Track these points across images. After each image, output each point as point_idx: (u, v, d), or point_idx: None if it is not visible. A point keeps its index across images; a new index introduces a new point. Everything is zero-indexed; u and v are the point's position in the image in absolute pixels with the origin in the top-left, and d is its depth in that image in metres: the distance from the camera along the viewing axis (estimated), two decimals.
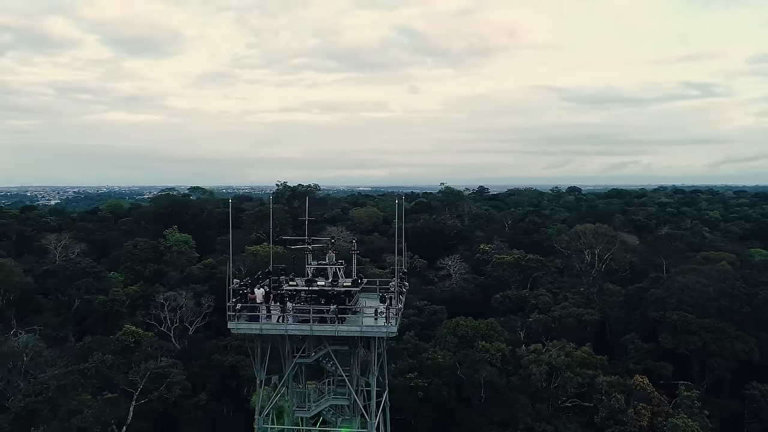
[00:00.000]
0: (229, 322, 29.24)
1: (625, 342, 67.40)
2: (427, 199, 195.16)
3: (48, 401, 49.52)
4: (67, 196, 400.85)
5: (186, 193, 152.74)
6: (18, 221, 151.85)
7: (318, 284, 30.74)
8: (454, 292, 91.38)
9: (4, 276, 77.04)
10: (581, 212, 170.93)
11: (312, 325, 28.44)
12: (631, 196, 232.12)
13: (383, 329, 27.87)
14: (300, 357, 30.46)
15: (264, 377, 31.14)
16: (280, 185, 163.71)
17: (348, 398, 30.32)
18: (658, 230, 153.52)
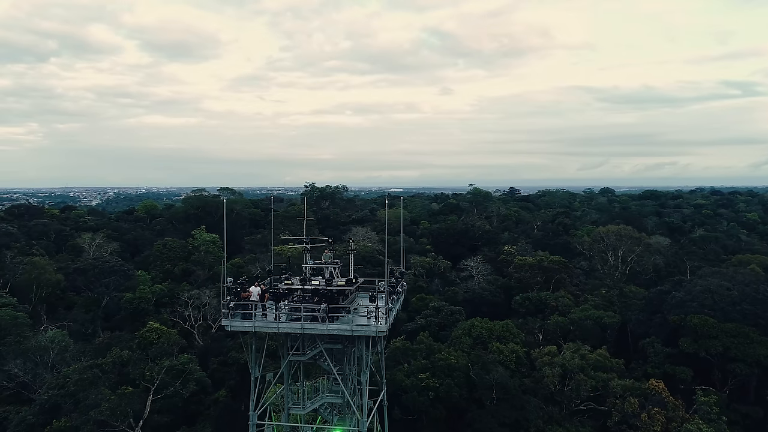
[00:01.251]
0: (223, 319, 30.11)
1: (644, 346, 66.31)
2: (456, 200, 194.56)
3: (69, 395, 51.43)
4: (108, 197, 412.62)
5: (216, 194, 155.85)
6: (58, 221, 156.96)
7: (313, 283, 31.37)
8: (476, 294, 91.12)
9: (36, 273, 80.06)
10: (612, 214, 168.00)
11: (303, 324, 29.05)
12: (666, 197, 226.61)
13: (373, 328, 28.25)
14: (294, 355, 31.11)
15: (259, 374, 31.88)
16: (308, 186, 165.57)
17: (341, 396, 30.78)
18: (692, 232, 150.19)
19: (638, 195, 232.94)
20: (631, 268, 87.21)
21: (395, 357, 62.38)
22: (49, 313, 79.58)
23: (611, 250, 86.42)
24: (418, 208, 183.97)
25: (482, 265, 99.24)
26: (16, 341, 61.44)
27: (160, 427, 55.82)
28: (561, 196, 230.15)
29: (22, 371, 58.44)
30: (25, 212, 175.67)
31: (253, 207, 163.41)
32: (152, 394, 53.51)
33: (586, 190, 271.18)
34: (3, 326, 62.60)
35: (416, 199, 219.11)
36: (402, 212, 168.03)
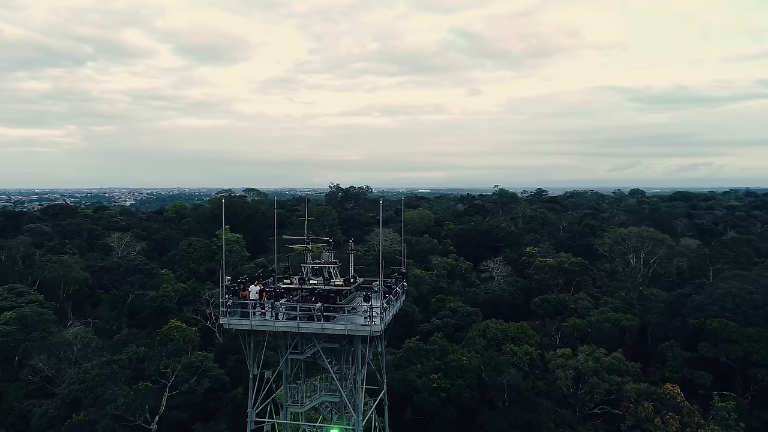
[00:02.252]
0: (222, 317, 30.80)
1: (663, 349, 65.20)
2: (482, 201, 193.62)
3: (89, 389, 52.99)
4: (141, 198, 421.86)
5: (242, 195, 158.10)
6: (90, 220, 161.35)
7: (311, 283, 31.86)
8: (495, 295, 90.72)
9: (64, 271, 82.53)
10: (641, 215, 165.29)
11: (299, 323, 29.54)
12: (698, 199, 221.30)
13: (367, 328, 28.57)
14: (293, 353, 31.64)
15: (257, 372, 32.49)
16: (333, 187, 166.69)
17: (338, 395, 31.17)
18: (724, 235, 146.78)
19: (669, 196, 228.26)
20: (654, 270, 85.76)
21: (408, 357, 62.59)
22: (76, 310, 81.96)
23: (633, 252, 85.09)
24: (443, 209, 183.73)
25: (502, 266, 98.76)
26: (41, 337, 63.50)
27: (177, 422, 57.02)
28: (589, 197, 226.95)
29: (47, 366, 60.39)
30: (59, 212, 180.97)
31: (278, 207, 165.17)
32: (168, 390, 54.71)
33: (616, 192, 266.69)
34: (29, 322, 64.70)
35: (442, 200, 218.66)
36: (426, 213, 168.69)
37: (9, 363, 64.05)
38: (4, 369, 63.62)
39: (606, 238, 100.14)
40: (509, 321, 71.05)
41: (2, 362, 63.92)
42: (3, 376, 63.07)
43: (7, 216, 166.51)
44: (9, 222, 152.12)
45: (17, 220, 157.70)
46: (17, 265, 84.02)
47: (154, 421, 53.18)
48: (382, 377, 36.73)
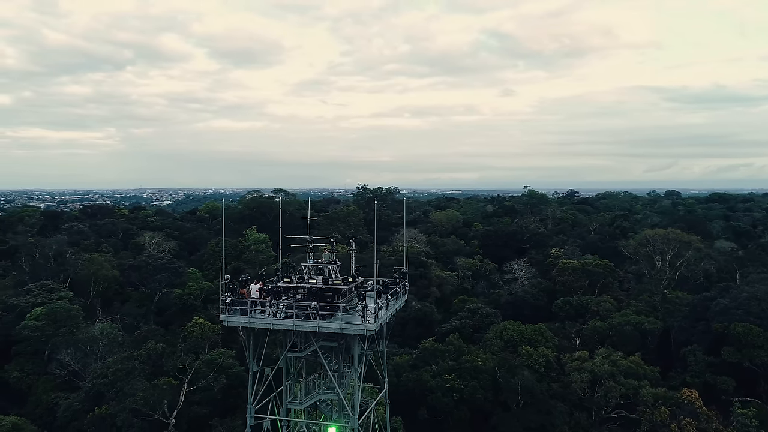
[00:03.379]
0: (221, 314, 31.60)
1: (685, 354, 63.91)
2: (511, 203, 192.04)
3: (110, 384, 54.69)
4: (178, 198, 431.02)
5: (271, 195, 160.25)
6: (126, 220, 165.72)
7: (310, 281, 32.40)
8: (517, 297, 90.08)
9: (94, 269, 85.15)
10: (675, 217, 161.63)
11: (295, 321, 30.11)
12: (736, 200, 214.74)
13: (361, 327, 28.95)
14: (291, 351, 32.25)
15: (257, 369, 33.17)
16: (361, 188, 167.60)
17: (335, 393, 31.60)
18: (762, 237, 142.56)
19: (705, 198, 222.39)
20: (681, 273, 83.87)
21: (424, 357, 62.76)
22: (105, 307, 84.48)
23: (659, 254, 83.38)
24: (472, 211, 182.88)
25: (526, 267, 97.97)
26: (69, 332, 65.73)
27: (197, 418, 58.32)
28: (622, 198, 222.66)
29: (73, 360, 62.54)
30: (97, 212, 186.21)
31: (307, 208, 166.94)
32: (186, 385, 56.05)
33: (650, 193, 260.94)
34: (58, 318, 67.02)
35: (472, 202, 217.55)
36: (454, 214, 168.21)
37: (39, 357, 66.43)
38: (34, 363, 66.02)
39: (631, 240, 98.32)
40: (531, 323, 70.55)
41: (32, 356, 66.33)
42: (33, 369, 65.44)
43: (48, 215, 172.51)
44: (49, 221, 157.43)
45: (57, 219, 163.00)
46: (50, 263, 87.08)
47: (172, 416, 54.56)
48: (383, 377, 37.02)
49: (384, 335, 35.90)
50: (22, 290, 76.79)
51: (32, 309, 69.24)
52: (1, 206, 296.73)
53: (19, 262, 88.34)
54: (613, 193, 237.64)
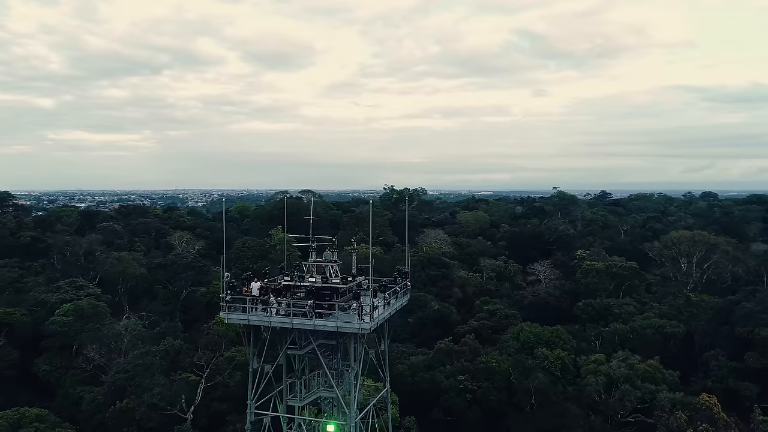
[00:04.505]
0: (221, 312, 32.37)
1: (708, 358, 62.52)
2: (541, 204, 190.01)
3: (131, 378, 56.31)
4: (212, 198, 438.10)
5: (298, 196, 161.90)
6: (160, 220, 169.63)
7: (309, 280, 32.94)
8: (540, 298, 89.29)
9: (122, 267, 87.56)
10: (710, 219, 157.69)
11: (292, 319, 30.68)
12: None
13: (356, 326, 29.32)
14: (291, 348, 32.84)
15: (257, 365, 33.86)
16: (387, 189, 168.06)
17: (333, 391, 32.02)
18: None
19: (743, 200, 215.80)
20: (708, 276, 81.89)
21: (439, 358, 62.82)
22: (133, 304, 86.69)
23: (684, 256, 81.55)
24: (501, 212, 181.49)
25: (550, 269, 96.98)
26: (95, 328, 67.79)
27: (216, 414, 59.58)
28: (655, 200, 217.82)
29: (99, 355, 64.48)
30: (132, 212, 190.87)
31: (335, 209, 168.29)
32: (204, 381, 57.32)
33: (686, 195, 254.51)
34: (85, 314, 69.18)
35: (501, 203, 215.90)
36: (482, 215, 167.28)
37: (67, 351, 68.65)
38: (62, 357, 68.27)
39: (656, 242, 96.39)
40: (554, 325, 69.96)
41: (61, 350, 68.59)
42: (61, 363, 67.69)
43: (85, 215, 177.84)
44: (86, 221, 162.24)
45: (93, 219, 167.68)
46: (80, 261, 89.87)
47: (190, 411, 55.85)
48: (384, 376, 37.30)
49: (385, 334, 36.24)
50: (53, 287, 79.47)
51: (61, 305, 71.61)
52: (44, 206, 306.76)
53: (51, 259, 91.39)
54: (646, 194, 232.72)
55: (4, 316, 67.67)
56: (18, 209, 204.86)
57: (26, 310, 73.00)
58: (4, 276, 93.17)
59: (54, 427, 49.93)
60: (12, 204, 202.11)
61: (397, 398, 55.17)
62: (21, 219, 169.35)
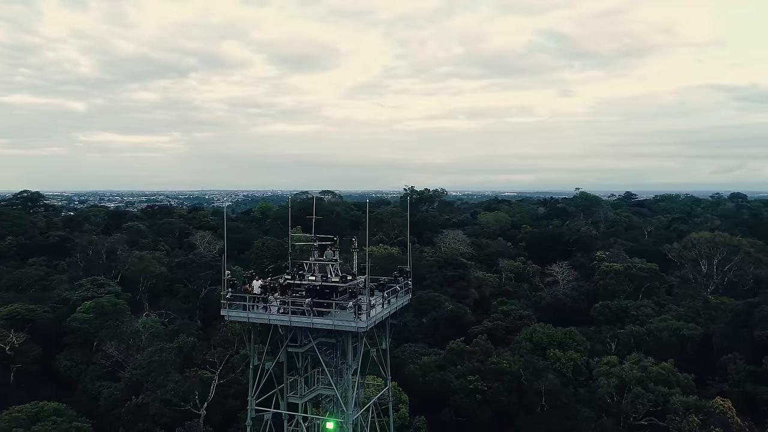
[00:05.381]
0: (222, 309, 32.94)
1: (725, 362, 61.44)
2: (563, 205, 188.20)
3: (146, 375, 57.48)
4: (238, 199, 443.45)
5: (318, 196, 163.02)
6: (184, 220, 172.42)
7: (309, 279, 33.34)
8: (557, 299, 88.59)
9: (143, 266, 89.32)
10: (737, 221, 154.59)
11: (291, 317, 31.10)
12: None
13: (353, 324, 29.62)
14: (291, 346, 33.28)
15: (258, 362, 34.36)
16: (408, 189, 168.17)
17: (332, 389, 32.34)
18: None
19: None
20: (729, 278, 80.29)
21: (451, 358, 62.85)
22: (153, 302, 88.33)
23: (705, 258, 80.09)
24: (523, 212, 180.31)
25: (568, 270, 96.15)
26: (114, 325, 69.31)
27: (230, 410, 60.48)
28: (681, 201, 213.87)
29: (117, 351, 65.94)
30: (157, 212, 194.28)
31: (356, 209, 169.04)
32: (217, 378, 58.23)
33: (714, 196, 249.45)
34: (105, 311, 70.77)
35: (523, 204, 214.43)
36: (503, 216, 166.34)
37: (87, 347, 70.29)
38: (82, 353, 69.92)
39: (675, 243, 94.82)
40: (571, 326, 69.51)
41: (81, 346, 70.23)
42: (81, 359, 69.31)
43: (111, 215, 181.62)
44: (113, 221, 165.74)
45: (120, 218, 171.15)
46: (101, 260, 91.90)
47: (203, 407, 56.80)
48: (386, 374, 37.51)
49: (387, 333, 36.47)
50: (76, 284, 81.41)
51: (83, 302, 73.36)
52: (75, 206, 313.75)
53: (75, 258, 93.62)
54: (672, 195, 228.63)
55: (26, 313, 69.50)
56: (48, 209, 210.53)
57: (49, 307, 74.94)
58: (31, 274, 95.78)
59: (71, 421, 51.19)
60: (42, 204, 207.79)
61: (407, 398, 55.43)
62: (50, 219, 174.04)
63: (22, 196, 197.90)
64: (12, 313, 68.96)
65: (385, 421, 38.33)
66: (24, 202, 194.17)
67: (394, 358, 65.79)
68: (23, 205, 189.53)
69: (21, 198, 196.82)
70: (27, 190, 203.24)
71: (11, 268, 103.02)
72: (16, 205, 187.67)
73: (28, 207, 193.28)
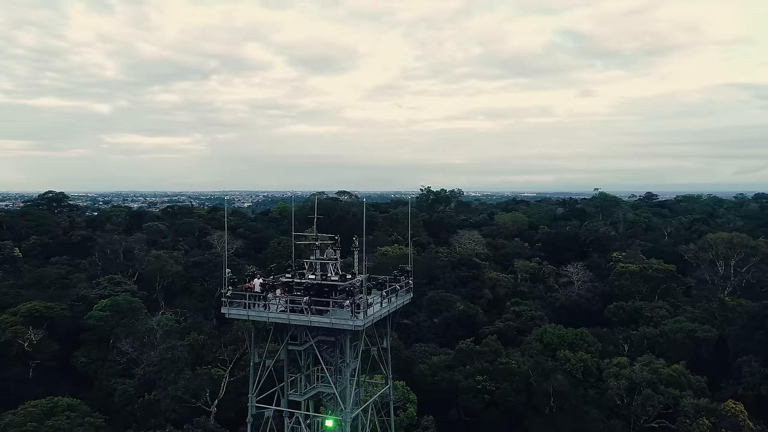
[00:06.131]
0: (223, 307, 33.44)
1: (740, 364, 60.48)
2: (582, 205, 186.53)
3: (158, 371, 58.42)
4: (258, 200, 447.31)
5: (335, 197, 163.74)
6: (204, 220, 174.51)
7: (309, 277, 33.66)
8: (572, 300, 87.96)
9: (160, 265, 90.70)
10: (760, 221, 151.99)
11: (289, 315, 31.44)
12: None
13: (349, 323, 29.85)
14: (291, 344, 33.63)
15: (258, 360, 34.74)
16: (424, 190, 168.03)
17: (331, 387, 32.60)
18: None
19: None
20: (747, 280, 78.93)
21: (460, 358, 62.81)
22: (169, 300, 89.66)
23: (722, 259, 78.82)
24: (541, 213, 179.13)
25: (583, 271, 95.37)
26: (129, 323, 70.53)
27: (242, 408, 61.10)
28: (703, 201, 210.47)
29: (132, 348, 67.05)
30: (177, 212, 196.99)
31: (373, 209, 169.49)
32: (227, 376, 58.94)
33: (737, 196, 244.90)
34: (121, 309, 72.05)
35: (542, 204, 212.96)
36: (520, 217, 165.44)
37: (104, 344, 71.61)
38: (99, 350, 71.27)
39: (691, 244, 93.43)
40: (585, 327, 69.06)
41: (98, 344, 71.61)
42: (98, 356, 70.67)
43: (133, 215, 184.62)
44: (134, 221, 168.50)
45: (140, 218, 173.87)
46: (119, 259, 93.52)
47: (214, 404, 57.54)
48: (387, 372, 37.69)
49: (388, 332, 36.65)
50: (94, 283, 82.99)
51: (99, 300, 74.76)
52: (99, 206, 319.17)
53: (93, 257, 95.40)
54: (693, 195, 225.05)
55: (45, 310, 71.04)
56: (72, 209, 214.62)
57: (67, 305, 76.48)
58: (53, 272, 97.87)
59: (84, 416, 52.22)
60: (66, 204, 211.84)
61: (415, 397, 55.52)
62: (74, 219, 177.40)
63: (47, 196, 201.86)
64: (31, 310, 70.55)
65: (387, 421, 38.51)
66: (49, 203, 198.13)
67: (405, 358, 66.30)
68: (48, 206, 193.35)
69: (46, 198, 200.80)
70: (52, 191, 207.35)
71: (34, 267, 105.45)
72: (42, 205, 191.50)
73: (53, 207, 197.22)
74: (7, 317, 69.87)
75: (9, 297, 79.96)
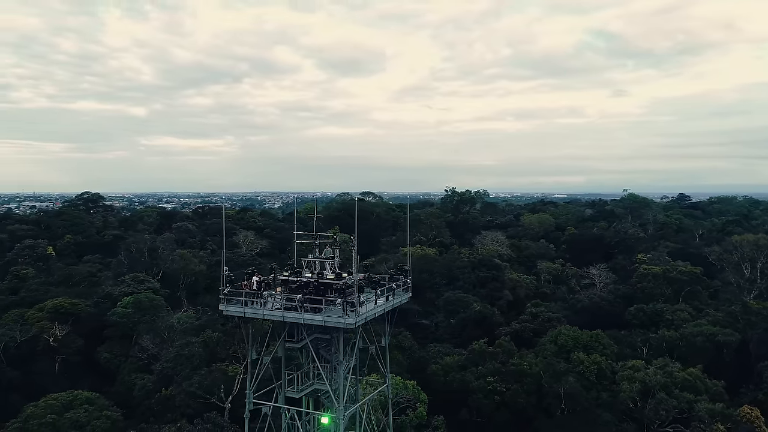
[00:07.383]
0: (221, 305, 34.11)
1: (761, 369, 58.96)
2: (612, 207, 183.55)
3: (175, 367, 59.75)
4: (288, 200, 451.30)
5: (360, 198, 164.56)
6: (233, 221, 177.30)
7: (306, 276, 34.11)
8: (593, 302, 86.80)
9: (183, 264, 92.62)
10: None
11: (284, 313, 31.94)
12: None
13: (342, 321, 30.20)
14: (288, 341, 34.15)
15: (255, 357, 35.36)
16: (449, 191, 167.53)
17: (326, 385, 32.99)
18: None
19: None
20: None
21: (473, 359, 62.62)
22: (192, 299, 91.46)
23: (747, 261, 76.77)
24: (569, 214, 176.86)
25: (605, 273, 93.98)
26: (150, 320, 72.27)
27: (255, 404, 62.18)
28: (738, 203, 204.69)
29: (152, 345, 68.69)
30: (207, 213, 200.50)
31: (396, 210, 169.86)
32: (241, 372, 59.87)
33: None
34: (142, 306, 73.88)
35: (570, 205, 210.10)
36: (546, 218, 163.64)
37: (126, 340, 73.51)
38: (121, 346, 73.19)
39: (715, 246, 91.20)
40: (606, 329, 68.18)
41: (121, 339, 73.56)
42: (120, 351, 72.57)
43: (164, 215, 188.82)
44: (165, 221, 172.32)
45: (171, 219, 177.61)
46: (143, 257, 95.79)
47: (228, 400, 58.55)
48: (385, 371, 37.90)
49: (386, 331, 36.88)
50: (119, 281, 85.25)
51: (123, 298, 76.79)
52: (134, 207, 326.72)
53: (120, 256, 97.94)
54: (728, 197, 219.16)
55: (70, 307, 73.30)
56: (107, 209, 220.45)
57: (93, 302, 78.74)
58: (83, 270, 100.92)
59: (102, 410, 53.74)
60: (102, 205, 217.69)
61: (426, 397, 55.59)
62: (107, 219, 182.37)
63: (83, 197, 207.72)
64: (56, 306, 72.88)
65: (385, 421, 38.78)
66: (85, 203, 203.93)
67: (419, 358, 66.43)
68: (84, 206, 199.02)
69: (82, 199, 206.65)
70: (88, 192, 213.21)
71: (66, 265, 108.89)
72: (78, 205, 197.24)
73: (89, 207, 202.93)
74: (34, 313, 72.31)
75: (38, 294, 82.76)
